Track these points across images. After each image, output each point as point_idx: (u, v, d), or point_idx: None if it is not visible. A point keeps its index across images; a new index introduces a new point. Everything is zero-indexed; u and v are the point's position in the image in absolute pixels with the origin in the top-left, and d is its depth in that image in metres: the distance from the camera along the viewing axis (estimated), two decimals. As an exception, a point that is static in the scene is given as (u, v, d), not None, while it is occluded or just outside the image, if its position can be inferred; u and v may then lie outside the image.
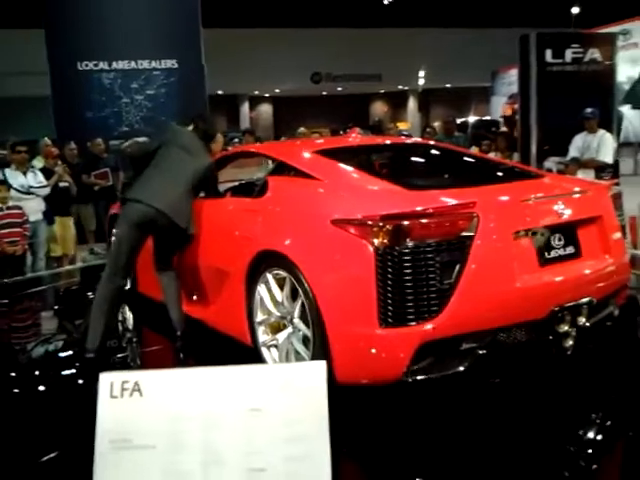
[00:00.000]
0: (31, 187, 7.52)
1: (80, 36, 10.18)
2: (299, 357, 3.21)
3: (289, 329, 3.30)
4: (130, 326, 5.05)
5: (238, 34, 23.47)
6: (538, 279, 3.00)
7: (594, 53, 9.33)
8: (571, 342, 3.07)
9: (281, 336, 3.34)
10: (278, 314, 3.38)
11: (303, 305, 3.11)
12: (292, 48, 24.34)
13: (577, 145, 7.80)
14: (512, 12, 24.92)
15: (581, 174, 7.01)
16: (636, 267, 4.24)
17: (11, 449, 2.95)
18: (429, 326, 2.72)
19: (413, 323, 2.72)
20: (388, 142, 5.04)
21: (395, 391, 3.03)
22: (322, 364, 1.86)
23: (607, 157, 7.60)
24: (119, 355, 4.32)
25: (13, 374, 4.12)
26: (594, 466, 2.65)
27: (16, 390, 3.80)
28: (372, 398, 3.15)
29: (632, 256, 4.30)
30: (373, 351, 2.80)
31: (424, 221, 2.75)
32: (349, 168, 3.58)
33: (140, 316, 5.15)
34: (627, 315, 3.84)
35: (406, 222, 2.74)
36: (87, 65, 10.31)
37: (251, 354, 3.55)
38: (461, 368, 2.84)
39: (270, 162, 6.14)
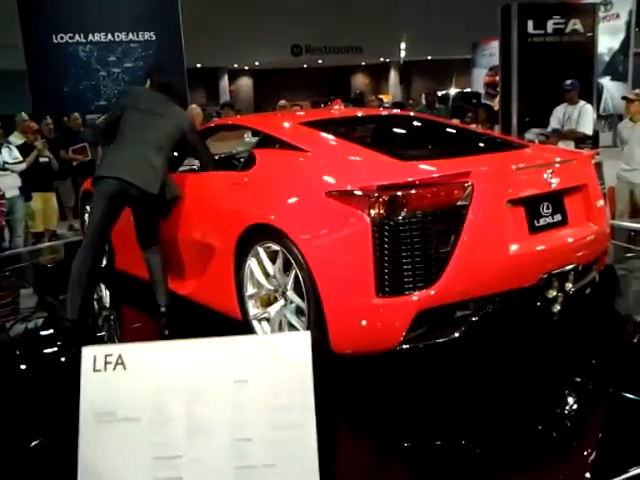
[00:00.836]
0: (6, 163, 7.41)
1: (55, 8, 9.98)
2: (293, 329, 3.22)
3: (281, 302, 3.30)
4: (107, 304, 4.99)
5: (216, 5, 23.07)
6: (528, 247, 3.07)
7: (575, 24, 9.32)
8: (558, 307, 3.18)
9: (273, 309, 3.33)
10: (270, 287, 3.37)
11: (297, 277, 3.11)
12: (272, 20, 24.00)
13: (557, 116, 7.83)
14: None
15: (561, 145, 7.04)
16: (614, 237, 4.32)
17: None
18: (426, 295, 2.77)
19: (410, 292, 2.77)
20: (373, 114, 5.03)
21: (385, 359, 3.06)
22: (306, 334, 1.86)
23: (587, 128, 7.64)
24: (98, 334, 4.29)
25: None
26: (574, 425, 2.70)
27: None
28: (362, 366, 3.18)
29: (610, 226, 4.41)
30: (370, 321, 2.85)
31: (420, 191, 2.78)
32: (338, 140, 3.57)
33: (118, 293, 5.09)
34: (604, 284, 3.92)
35: (402, 192, 2.76)
36: (62, 38, 10.13)
37: (237, 328, 3.55)
38: (455, 335, 2.91)
39: (249, 134, 6.12)
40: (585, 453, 2.53)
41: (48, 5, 9.91)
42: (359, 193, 2.84)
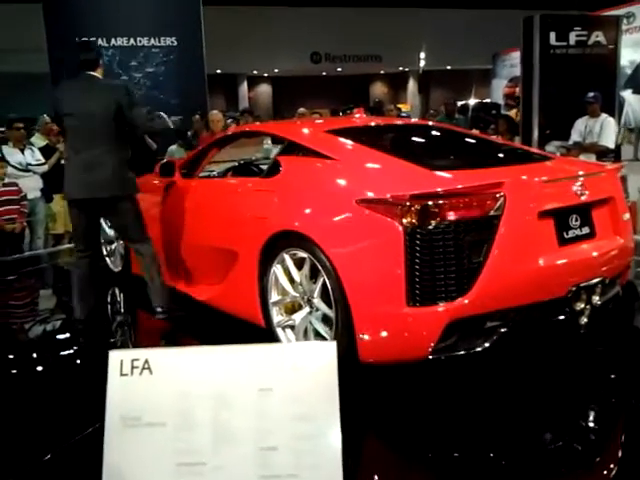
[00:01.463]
0: (29, 164, 7.48)
1: (79, 12, 10.04)
2: (318, 336, 3.22)
3: (306, 309, 3.29)
4: (121, 308, 5.01)
5: (237, 12, 23.21)
6: (557, 259, 3.08)
7: (598, 36, 9.23)
8: (585, 320, 3.18)
9: (298, 316, 3.33)
10: (295, 294, 3.36)
11: (324, 285, 3.10)
12: (292, 28, 24.09)
13: (579, 129, 7.78)
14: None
15: (583, 158, 6.99)
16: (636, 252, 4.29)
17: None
18: (457, 305, 2.77)
19: (441, 302, 2.76)
20: (397, 123, 5.03)
21: (411, 368, 3.07)
22: (332, 344, 1.85)
23: (609, 142, 7.59)
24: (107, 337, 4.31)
25: (12, 353, 4.12)
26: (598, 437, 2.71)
27: (14, 370, 3.79)
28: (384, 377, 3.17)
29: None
30: (400, 330, 2.84)
31: (453, 201, 2.78)
32: (365, 148, 3.56)
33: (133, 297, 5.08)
34: (625, 300, 3.90)
35: (435, 202, 2.76)
36: (86, 42, 10.18)
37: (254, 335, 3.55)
38: (484, 346, 2.90)
39: (267, 141, 6.12)
40: (608, 465, 2.52)
41: (73, 9, 9.98)
42: (392, 202, 2.84)
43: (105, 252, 5.50)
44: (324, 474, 1.72)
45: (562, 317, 3.12)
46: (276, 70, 28.36)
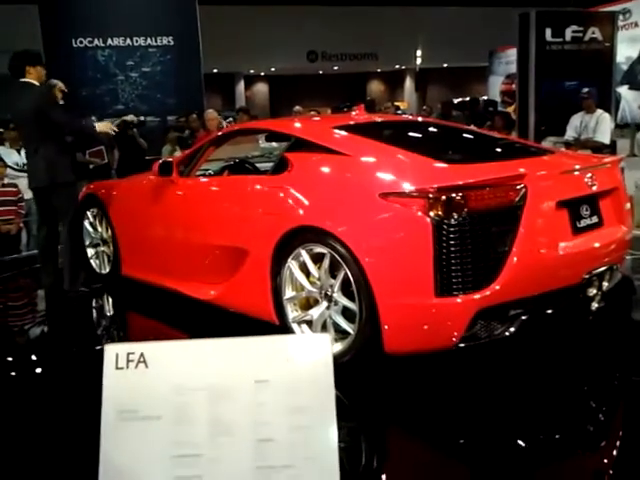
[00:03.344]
0: (25, 164, 7.47)
1: (74, 12, 10.04)
2: (338, 330, 3.23)
3: (324, 303, 3.30)
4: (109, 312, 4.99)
5: (233, 11, 23.20)
6: (573, 247, 3.18)
7: (594, 32, 9.25)
8: (596, 305, 3.32)
9: (315, 311, 3.33)
10: (312, 289, 3.36)
11: (344, 279, 3.13)
12: (288, 26, 24.08)
13: (574, 125, 7.81)
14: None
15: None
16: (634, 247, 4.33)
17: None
18: (485, 294, 2.84)
19: (470, 291, 2.83)
20: (402, 119, 5.06)
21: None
22: (327, 336, 1.86)
23: (605, 137, 7.61)
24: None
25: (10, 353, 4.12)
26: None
27: (11, 370, 3.80)
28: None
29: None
30: (429, 320, 2.89)
31: (479, 192, 2.86)
32: (377, 143, 3.58)
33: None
34: (621, 295, 3.99)
35: (462, 194, 2.82)
36: (81, 42, 10.17)
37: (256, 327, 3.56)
38: (508, 334, 2.98)
39: (262, 139, 6.11)
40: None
41: (68, 9, 9.98)
42: (419, 194, 2.88)
43: (90, 255, 5.43)
44: (320, 466, 1.73)
45: (576, 303, 3.26)
46: (273, 69, 28.35)
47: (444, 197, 2.81)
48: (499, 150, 3.91)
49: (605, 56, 9.41)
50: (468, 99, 14.94)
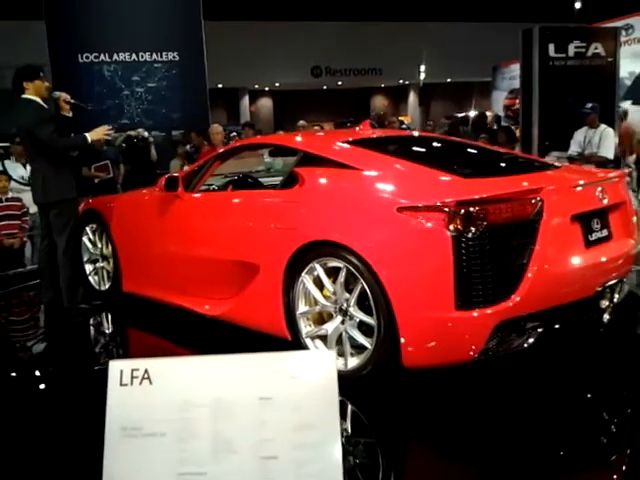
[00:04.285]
0: (30, 178, 7.50)
1: (81, 28, 10.13)
2: (355, 344, 3.22)
3: (338, 318, 3.29)
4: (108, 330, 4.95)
5: (238, 27, 23.37)
6: (586, 260, 3.20)
7: (597, 48, 9.26)
8: (607, 317, 3.35)
9: (330, 326, 3.32)
10: (326, 304, 3.35)
11: (361, 293, 3.12)
12: (292, 42, 24.25)
13: (578, 140, 7.81)
14: (513, 6, 24.83)
15: (583, 169, 7.00)
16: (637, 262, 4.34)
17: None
18: (504, 307, 2.86)
19: (490, 304, 2.84)
20: (409, 134, 5.08)
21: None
22: (332, 353, 1.86)
23: (609, 152, 7.60)
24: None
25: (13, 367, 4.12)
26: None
27: (15, 383, 3.79)
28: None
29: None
30: (449, 334, 2.90)
31: (498, 206, 2.89)
32: (389, 157, 3.59)
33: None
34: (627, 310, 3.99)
35: (482, 207, 2.85)
36: (88, 57, 10.26)
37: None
38: (525, 346, 3.00)
39: (266, 154, 6.11)
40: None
41: (75, 25, 10.06)
42: (438, 208, 2.90)
43: (88, 271, 5.35)
44: (324, 483, 1.72)
45: (589, 316, 3.29)
46: (277, 84, 28.51)
47: (463, 211, 2.83)
48: (510, 164, 3.93)
49: (608, 71, 9.42)
50: (472, 114, 14.98)
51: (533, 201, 2.97)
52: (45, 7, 10.07)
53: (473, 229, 2.81)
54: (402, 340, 2.97)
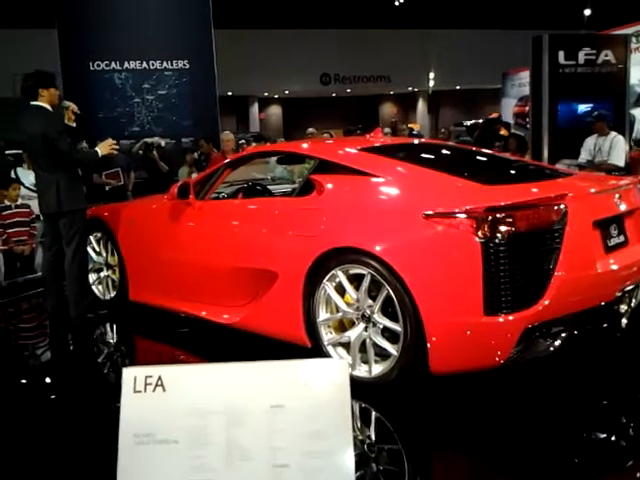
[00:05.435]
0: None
1: (92, 36, 10.20)
2: (380, 351, 3.22)
3: (361, 325, 3.29)
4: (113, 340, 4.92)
5: (248, 35, 23.49)
6: (606, 265, 3.24)
7: (607, 55, 9.25)
8: (625, 321, 3.37)
9: (353, 333, 3.32)
10: (348, 310, 3.35)
11: (385, 300, 3.13)
12: (301, 49, 24.37)
13: (588, 147, 7.78)
14: (522, 14, 24.85)
15: (594, 176, 6.97)
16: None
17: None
18: (532, 312, 2.89)
19: (518, 310, 2.87)
20: (423, 141, 5.09)
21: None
22: (344, 362, 1.85)
23: (619, 160, 7.57)
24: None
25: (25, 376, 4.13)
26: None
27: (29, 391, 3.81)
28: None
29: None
30: (478, 339, 2.92)
31: (526, 212, 2.93)
32: (409, 165, 3.61)
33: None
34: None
35: (510, 214, 2.89)
36: (99, 65, 10.34)
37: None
38: (550, 351, 3.03)
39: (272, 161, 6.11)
40: None
41: (86, 33, 10.14)
42: (467, 215, 2.93)
43: (92, 280, 5.32)
44: (336, 491, 1.72)
45: (609, 320, 3.30)
46: (286, 92, 28.63)
47: (492, 217, 2.87)
48: (527, 172, 3.95)
49: (618, 78, 9.40)
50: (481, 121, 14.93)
51: (558, 207, 3.01)
52: (57, 15, 10.17)
53: (501, 235, 2.86)
54: (429, 346, 2.99)
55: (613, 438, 2.80)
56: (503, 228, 2.87)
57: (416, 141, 5.07)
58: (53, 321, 5.14)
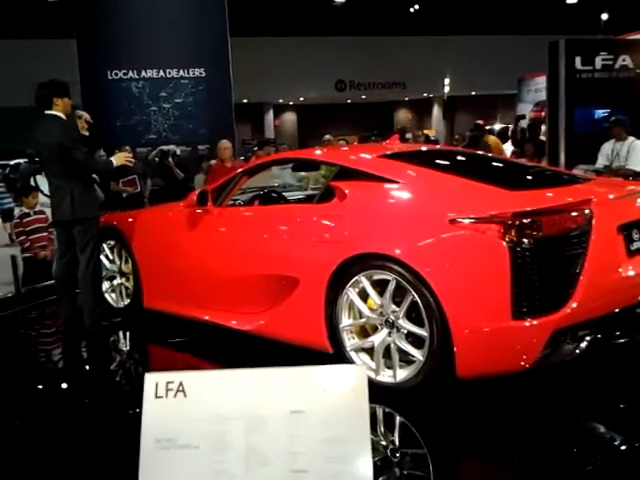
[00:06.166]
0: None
1: (110, 46, 10.33)
2: (405, 356, 3.23)
3: (384, 330, 3.30)
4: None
5: (263, 43, 23.62)
6: (630, 269, 3.25)
7: (625, 60, 9.19)
8: None
9: (377, 338, 3.32)
10: (372, 316, 3.35)
11: (412, 305, 3.15)
12: (316, 56, 24.43)
13: (606, 153, 7.73)
14: (537, 19, 24.76)
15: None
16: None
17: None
18: (560, 315, 2.91)
19: (546, 313, 2.90)
20: (439, 148, 5.11)
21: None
22: (362, 368, 1.87)
23: (637, 165, 7.51)
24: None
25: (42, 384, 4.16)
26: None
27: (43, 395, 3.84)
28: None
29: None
30: (506, 343, 2.95)
31: (552, 217, 2.97)
32: (431, 171, 3.64)
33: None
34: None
35: (537, 219, 2.93)
36: (117, 74, 10.45)
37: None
38: (576, 354, 3.04)
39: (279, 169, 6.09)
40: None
41: (104, 43, 10.26)
42: (494, 220, 2.96)
43: (104, 288, 5.28)
44: (356, 497, 1.72)
45: (632, 323, 3.30)
46: (301, 99, 28.71)
47: (520, 222, 2.90)
48: (549, 177, 3.96)
49: (636, 83, 9.32)
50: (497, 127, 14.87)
51: (584, 212, 3.04)
52: (76, 25, 10.31)
53: (529, 240, 2.88)
54: (455, 350, 3.00)
55: (637, 444, 2.77)
56: (530, 233, 2.89)
57: (435, 147, 5.09)
58: (68, 329, 5.11)
